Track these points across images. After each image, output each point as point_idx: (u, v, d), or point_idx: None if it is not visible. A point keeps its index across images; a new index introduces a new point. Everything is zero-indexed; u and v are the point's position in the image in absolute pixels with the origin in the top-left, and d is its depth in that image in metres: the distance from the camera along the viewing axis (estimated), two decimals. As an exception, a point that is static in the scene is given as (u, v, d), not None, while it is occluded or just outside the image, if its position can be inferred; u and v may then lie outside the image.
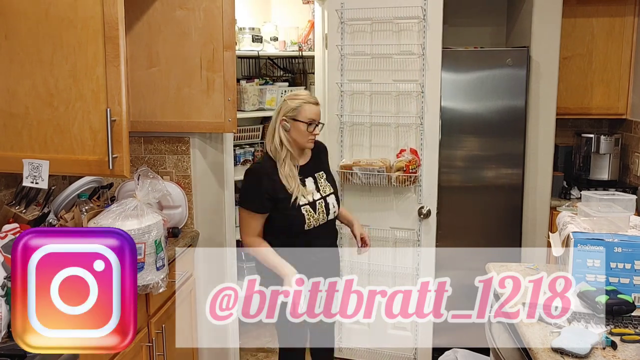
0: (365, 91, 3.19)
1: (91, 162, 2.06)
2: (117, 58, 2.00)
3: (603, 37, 3.63)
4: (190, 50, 2.64)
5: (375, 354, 3.37)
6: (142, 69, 2.67)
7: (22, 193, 2.23)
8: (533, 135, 3.31)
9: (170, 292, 2.50)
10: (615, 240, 1.82)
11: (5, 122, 2.07)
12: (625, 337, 1.61)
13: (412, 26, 3.07)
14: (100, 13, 1.97)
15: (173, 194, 2.72)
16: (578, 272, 1.85)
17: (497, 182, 3.32)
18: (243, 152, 3.86)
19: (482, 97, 3.26)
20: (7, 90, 2.05)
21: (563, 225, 2.01)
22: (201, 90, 2.67)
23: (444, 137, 3.25)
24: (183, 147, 2.77)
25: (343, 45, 3.18)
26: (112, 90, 2.01)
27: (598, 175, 3.74)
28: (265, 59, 3.97)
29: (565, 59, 3.61)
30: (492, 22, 3.83)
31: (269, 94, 3.62)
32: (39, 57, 2.02)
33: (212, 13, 2.61)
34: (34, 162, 2.05)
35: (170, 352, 2.47)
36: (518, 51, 3.23)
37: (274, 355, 3.55)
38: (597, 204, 2.00)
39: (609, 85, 3.68)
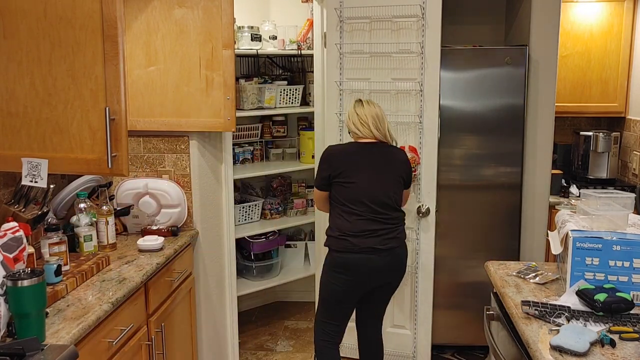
0: (364, 90, 3.19)
1: (90, 161, 2.06)
2: (116, 57, 2.00)
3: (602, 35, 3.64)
4: (189, 48, 2.64)
5: (374, 352, 3.38)
6: (141, 67, 2.67)
7: (21, 192, 2.23)
8: (532, 133, 3.31)
9: (170, 290, 2.51)
10: (614, 239, 1.83)
11: (3, 121, 2.07)
12: (624, 335, 1.61)
13: (411, 24, 3.07)
14: (99, 11, 1.97)
15: (172, 193, 2.72)
16: (577, 270, 1.86)
17: (496, 180, 3.33)
18: (242, 150, 3.86)
19: (481, 95, 3.26)
20: (6, 90, 2.05)
21: (562, 224, 2.01)
22: (200, 89, 2.67)
23: (442, 136, 3.26)
24: (182, 146, 2.77)
25: (342, 43, 3.18)
26: (111, 89, 2.01)
27: (597, 174, 3.74)
28: (264, 58, 3.97)
29: (564, 57, 3.62)
30: (491, 21, 3.83)
31: (267, 92, 3.62)
32: (38, 56, 2.02)
33: (211, 12, 2.61)
34: (33, 161, 2.05)
35: (170, 350, 2.47)
36: (517, 49, 3.24)
37: (273, 353, 3.55)
38: (596, 202, 2.00)
39: (607, 84, 3.69)
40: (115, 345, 1.95)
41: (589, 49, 3.67)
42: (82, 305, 1.86)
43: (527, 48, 3.22)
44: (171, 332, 2.50)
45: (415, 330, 3.29)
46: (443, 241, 3.36)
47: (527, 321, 1.74)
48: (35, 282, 1.59)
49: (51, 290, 1.89)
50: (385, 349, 3.35)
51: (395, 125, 3.16)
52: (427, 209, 3.15)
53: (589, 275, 1.85)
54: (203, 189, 2.85)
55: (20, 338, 1.58)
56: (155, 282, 2.33)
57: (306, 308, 4.18)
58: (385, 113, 3.19)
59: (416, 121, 3.12)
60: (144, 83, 2.68)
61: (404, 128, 3.16)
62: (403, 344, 3.32)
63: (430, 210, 3.16)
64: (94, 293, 1.98)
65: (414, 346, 3.30)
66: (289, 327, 3.94)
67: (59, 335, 1.65)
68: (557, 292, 1.97)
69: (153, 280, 2.31)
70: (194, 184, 2.80)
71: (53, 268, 1.94)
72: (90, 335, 1.78)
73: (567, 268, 1.87)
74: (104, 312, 1.85)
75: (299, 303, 4.28)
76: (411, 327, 3.30)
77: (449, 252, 3.40)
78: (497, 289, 2.11)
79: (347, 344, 3.42)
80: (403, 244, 2.68)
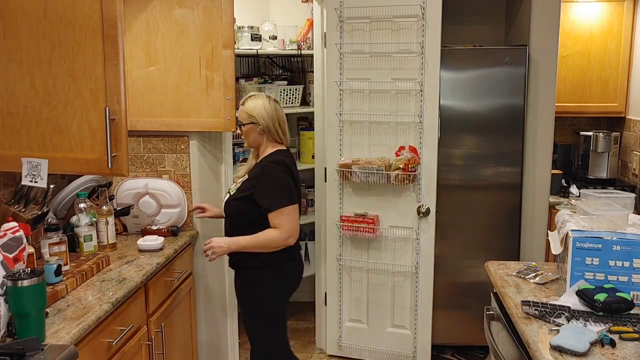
0: (364, 90, 3.19)
1: (90, 161, 2.06)
2: (116, 57, 2.00)
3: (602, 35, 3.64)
4: (189, 48, 2.64)
5: (374, 353, 3.38)
6: (141, 67, 2.67)
7: (21, 192, 2.23)
8: (532, 133, 3.31)
9: (170, 290, 2.51)
10: (614, 239, 1.83)
11: (3, 121, 2.07)
12: (624, 335, 1.61)
13: (411, 24, 3.07)
14: (99, 11, 1.97)
15: (172, 193, 2.72)
16: (577, 270, 1.86)
17: (496, 180, 3.33)
18: (242, 150, 3.85)
19: (481, 95, 3.26)
20: (6, 90, 2.05)
21: (562, 224, 2.01)
22: (200, 89, 2.67)
23: (443, 136, 3.26)
24: (182, 146, 2.77)
25: (342, 43, 3.18)
26: (111, 89, 2.01)
27: (596, 174, 3.74)
28: (264, 58, 3.97)
29: (564, 57, 3.62)
30: (491, 21, 3.83)
31: (267, 92, 3.62)
32: (38, 56, 2.02)
33: (211, 12, 2.61)
34: (33, 161, 2.05)
35: (170, 350, 2.47)
36: (517, 49, 3.23)
37: (273, 353, 3.55)
38: (596, 202, 2.00)
39: (607, 84, 3.69)
40: (115, 345, 1.95)
41: (589, 49, 3.67)
42: (82, 305, 1.86)
43: (527, 48, 3.22)
44: (171, 332, 2.50)
45: (415, 330, 3.28)
46: (443, 241, 3.36)
47: (527, 321, 1.74)
48: (35, 282, 1.59)
49: (51, 290, 1.89)
50: (385, 349, 3.36)
51: (396, 125, 3.16)
52: (427, 209, 3.15)
53: (589, 275, 1.85)
54: (203, 189, 2.85)
55: (20, 338, 1.58)
56: (155, 282, 2.33)
57: (306, 308, 4.17)
58: (384, 113, 3.21)
59: (416, 121, 3.12)
60: (144, 83, 2.68)
61: (404, 128, 3.16)
62: (403, 344, 3.32)
63: (430, 210, 3.16)
64: (94, 293, 1.98)
65: (414, 346, 3.30)
66: (289, 327, 3.92)
67: (59, 335, 1.65)
68: (557, 292, 1.97)
69: (153, 280, 2.31)
70: (194, 184, 2.80)
71: (53, 268, 1.94)
72: (90, 335, 1.78)
73: (567, 268, 1.87)
74: (104, 312, 1.85)
75: (299, 303, 4.27)
76: (411, 327, 3.30)
77: (449, 252, 3.39)
78: (497, 289, 2.11)
79: (347, 344, 3.43)
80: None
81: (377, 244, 3.27)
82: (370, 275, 3.32)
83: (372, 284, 3.33)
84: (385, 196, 3.22)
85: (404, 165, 3.05)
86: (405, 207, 3.20)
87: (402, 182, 3.08)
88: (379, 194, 3.23)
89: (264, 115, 2.39)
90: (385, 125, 3.18)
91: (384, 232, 3.24)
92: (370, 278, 3.32)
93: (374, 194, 3.24)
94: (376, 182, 3.13)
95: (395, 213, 3.22)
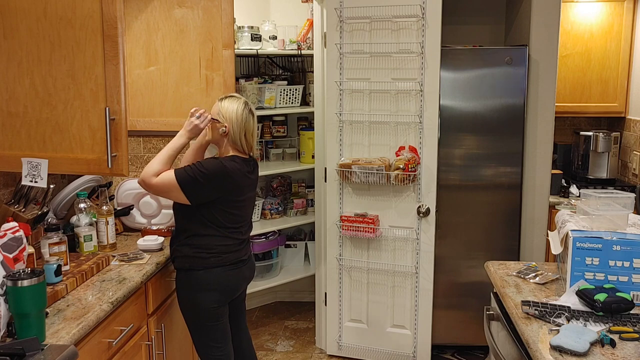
0: (364, 90, 3.19)
1: (90, 161, 2.07)
2: (116, 57, 2.00)
3: (602, 35, 3.64)
4: (189, 48, 2.64)
5: (374, 353, 3.38)
6: (141, 67, 2.68)
7: (21, 192, 2.23)
8: (532, 133, 3.31)
9: (170, 290, 2.51)
10: (614, 239, 1.83)
11: (3, 121, 2.07)
12: (624, 335, 1.61)
13: (411, 24, 3.07)
14: (99, 11, 1.98)
15: (172, 192, 2.72)
16: (577, 270, 1.86)
17: (496, 180, 3.33)
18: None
19: (481, 95, 3.26)
20: (6, 90, 2.05)
21: (562, 224, 2.01)
22: (200, 89, 2.67)
23: (443, 136, 3.26)
24: (182, 146, 2.77)
25: (342, 43, 3.18)
26: (111, 89, 2.01)
27: (597, 174, 3.74)
28: (264, 58, 3.97)
29: (564, 57, 3.62)
30: (491, 21, 3.83)
31: (267, 92, 3.62)
32: (38, 56, 2.02)
33: (211, 12, 2.61)
34: (33, 161, 2.05)
35: (170, 350, 2.47)
36: (517, 50, 3.23)
37: (274, 353, 3.55)
38: (596, 202, 2.00)
39: (607, 84, 3.69)
40: (115, 345, 1.95)
41: (589, 49, 3.67)
42: (82, 305, 1.86)
43: (527, 48, 3.22)
44: (171, 332, 2.50)
45: (415, 330, 3.29)
46: (443, 241, 3.36)
47: (527, 321, 1.74)
48: (35, 282, 1.59)
49: (51, 290, 1.89)
50: (385, 349, 3.36)
51: (395, 125, 3.16)
52: (427, 209, 3.15)
53: (589, 275, 1.85)
54: (203, 189, 2.84)
55: (20, 338, 1.58)
56: (155, 282, 2.33)
57: (306, 308, 4.18)
58: (384, 113, 3.21)
59: (416, 121, 3.12)
60: (144, 83, 2.69)
61: (404, 128, 3.16)
62: (403, 344, 3.32)
63: (430, 210, 3.16)
64: (94, 293, 1.98)
65: (414, 346, 3.30)
66: (289, 327, 3.94)
67: (59, 335, 1.65)
68: (557, 292, 1.97)
69: (153, 280, 2.31)
70: (194, 184, 2.80)
71: (53, 268, 1.94)
72: (90, 335, 1.78)
73: (567, 268, 1.88)
74: (104, 312, 1.85)
75: (299, 303, 4.28)
76: (411, 327, 3.30)
77: (449, 252, 3.40)
78: (497, 289, 2.11)
79: (347, 344, 3.43)
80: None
81: (377, 244, 3.27)
82: (370, 275, 3.32)
83: (372, 283, 3.33)
84: (385, 196, 3.22)
85: (404, 165, 3.05)
86: (405, 207, 3.20)
87: (402, 182, 3.08)
88: (379, 194, 3.23)
89: (233, 119, 2.25)
90: (385, 125, 3.18)
91: (384, 232, 3.24)
92: (370, 278, 3.32)
93: (374, 194, 3.24)
94: (376, 182, 3.13)
95: (395, 213, 3.22)
